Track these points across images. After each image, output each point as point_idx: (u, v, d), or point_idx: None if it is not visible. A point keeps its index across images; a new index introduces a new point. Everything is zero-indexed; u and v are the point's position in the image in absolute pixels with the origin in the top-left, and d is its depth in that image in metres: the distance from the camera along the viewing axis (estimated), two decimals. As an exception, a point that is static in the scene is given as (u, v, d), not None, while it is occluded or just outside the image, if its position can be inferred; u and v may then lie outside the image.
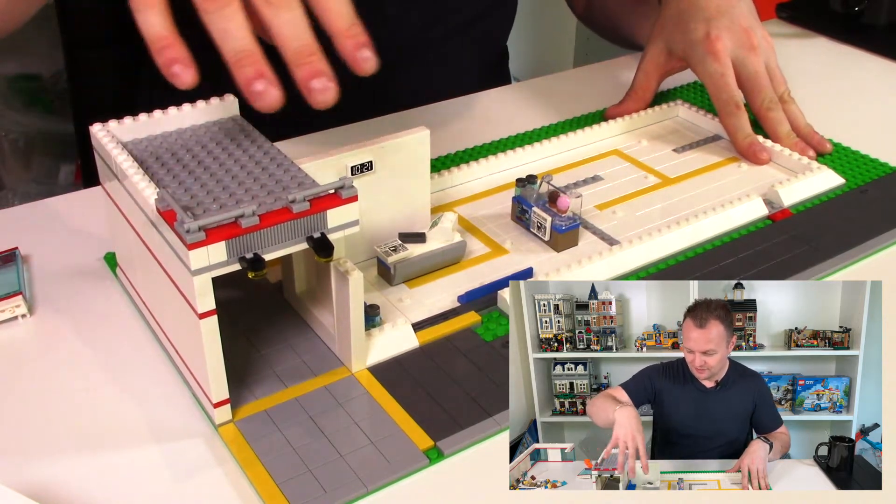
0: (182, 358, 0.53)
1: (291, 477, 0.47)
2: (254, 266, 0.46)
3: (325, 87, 0.48)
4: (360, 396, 0.53)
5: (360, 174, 0.60)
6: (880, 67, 0.99)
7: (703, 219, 0.68)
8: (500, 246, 0.67)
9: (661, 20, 0.83)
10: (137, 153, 0.53)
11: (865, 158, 0.79)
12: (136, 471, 0.48)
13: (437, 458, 0.49)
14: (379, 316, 0.58)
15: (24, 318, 0.59)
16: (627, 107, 0.84)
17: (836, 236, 0.67)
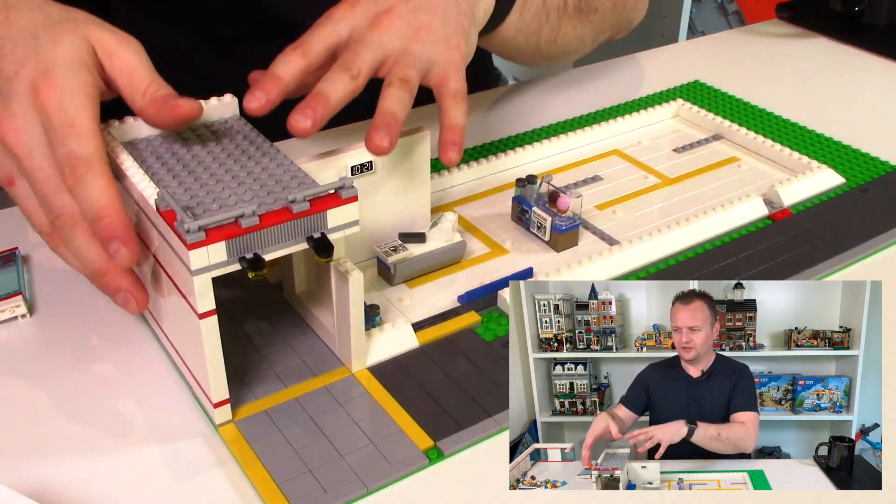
0: (182, 358, 0.53)
1: (291, 477, 0.47)
2: (254, 266, 0.46)
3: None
4: (360, 396, 0.53)
5: (360, 174, 0.59)
6: (880, 67, 0.99)
7: (703, 219, 0.68)
8: (500, 246, 0.67)
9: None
10: (137, 153, 0.53)
11: (866, 157, 0.79)
12: (136, 471, 0.48)
13: (437, 458, 0.49)
14: (379, 316, 0.58)
15: (24, 318, 0.59)
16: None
17: (836, 236, 0.67)
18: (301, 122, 0.53)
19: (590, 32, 0.86)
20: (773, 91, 0.92)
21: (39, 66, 0.50)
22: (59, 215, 0.50)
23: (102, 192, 0.48)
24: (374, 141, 0.54)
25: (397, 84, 0.57)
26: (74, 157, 0.48)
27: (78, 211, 0.50)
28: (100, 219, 0.48)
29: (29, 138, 0.49)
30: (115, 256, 0.48)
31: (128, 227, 0.48)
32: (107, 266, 0.50)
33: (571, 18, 0.82)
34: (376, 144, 0.54)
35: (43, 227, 0.52)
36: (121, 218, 0.48)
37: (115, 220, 0.48)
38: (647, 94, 0.90)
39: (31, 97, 0.49)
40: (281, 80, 0.55)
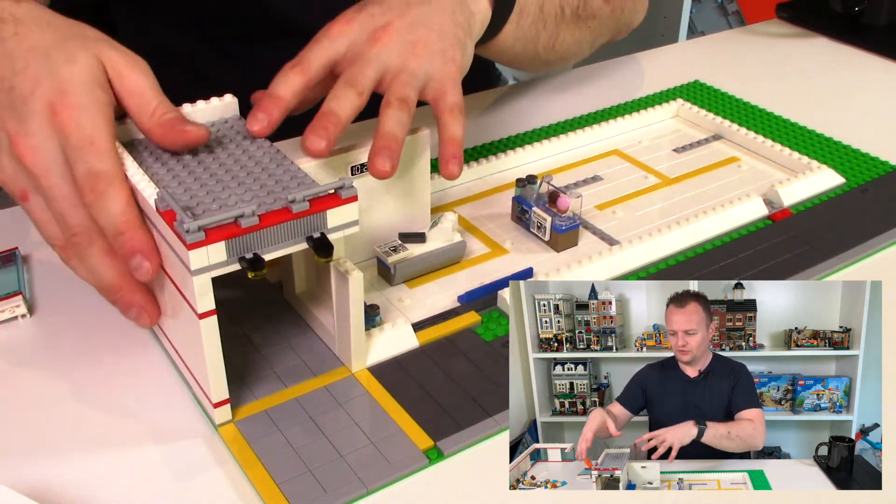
0: (182, 358, 0.53)
1: (291, 477, 0.47)
2: (254, 266, 0.46)
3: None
4: (360, 396, 0.53)
5: (360, 174, 0.59)
6: (880, 67, 0.99)
7: (703, 219, 0.68)
8: (500, 246, 0.67)
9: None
10: (137, 153, 0.53)
11: (866, 157, 0.79)
12: (137, 471, 0.48)
13: (437, 458, 0.49)
14: (379, 316, 0.58)
15: (24, 318, 0.59)
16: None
17: (836, 236, 0.67)
18: (316, 143, 0.54)
19: (588, 37, 0.86)
20: (773, 91, 0.92)
21: (56, 85, 0.50)
22: (75, 233, 0.50)
23: (124, 207, 0.49)
24: (377, 165, 0.55)
25: (396, 105, 0.58)
26: (95, 174, 0.49)
27: (94, 228, 0.50)
28: (121, 234, 0.49)
29: (46, 157, 0.50)
30: (137, 270, 0.49)
31: (150, 241, 0.49)
32: (121, 282, 0.51)
33: (569, 25, 0.82)
34: (378, 169, 0.55)
35: (57, 241, 0.53)
36: (143, 232, 0.49)
37: (137, 234, 0.49)
38: (647, 94, 0.90)
39: (49, 117, 0.50)
40: (282, 99, 0.57)
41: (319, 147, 0.54)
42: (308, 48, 0.60)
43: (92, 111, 0.50)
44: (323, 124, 0.55)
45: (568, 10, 0.80)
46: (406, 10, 0.62)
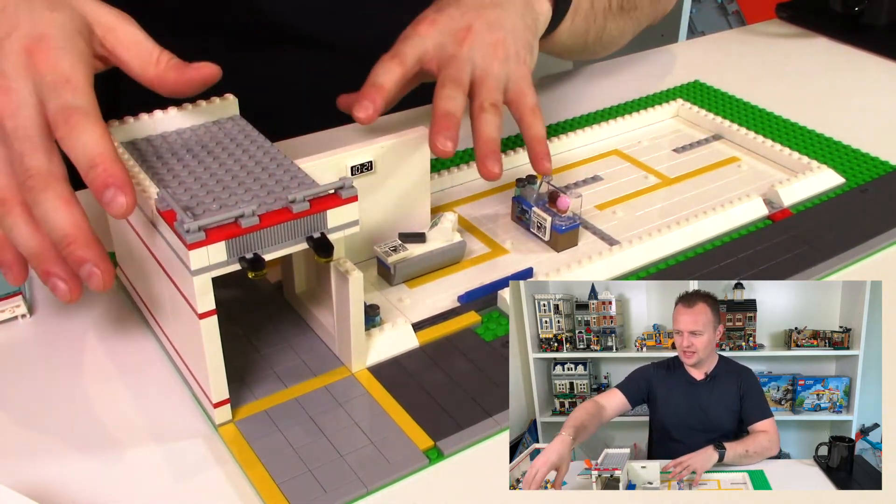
0: (182, 358, 0.53)
1: (291, 477, 0.47)
2: (254, 266, 0.46)
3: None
4: (360, 396, 0.53)
5: (360, 174, 0.60)
6: (880, 67, 0.99)
7: (703, 219, 0.68)
8: (500, 246, 0.67)
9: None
10: (137, 153, 0.53)
11: (866, 157, 0.79)
12: (137, 471, 0.48)
13: (437, 458, 0.49)
14: (379, 316, 0.58)
15: (24, 318, 0.59)
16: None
17: (836, 236, 0.67)
18: (444, 144, 0.58)
19: (631, 27, 0.89)
20: (773, 91, 0.92)
21: (34, 30, 0.48)
22: (32, 175, 0.47)
23: (98, 140, 0.46)
24: (488, 168, 0.59)
25: (491, 110, 0.61)
26: (69, 107, 0.47)
27: (52, 173, 0.47)
28: (94, 166, 0.46)
29: (17, 98, 0.47)
30: (110, 205, 0.45)
31: (125, 175, 0.46)
32: (75, 233, 0.47)
33: (616, 17, 0.85)
34: (491, 171, 0.59)
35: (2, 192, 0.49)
36: (119, 166, 0.46)
37: (112, 167, 0.46)
38: (647, 94, 0.90)
39: (24, 58, 0.48)
40: (384, 88, 0.59)
41: (448, 148, 0.58)
42: (401, 42, 0.63)
43: (71, 54, 0.48)
44: (446, 125, 0.58)
45: (615, 3, 0.84)
46: (482, 11, 0.65)
